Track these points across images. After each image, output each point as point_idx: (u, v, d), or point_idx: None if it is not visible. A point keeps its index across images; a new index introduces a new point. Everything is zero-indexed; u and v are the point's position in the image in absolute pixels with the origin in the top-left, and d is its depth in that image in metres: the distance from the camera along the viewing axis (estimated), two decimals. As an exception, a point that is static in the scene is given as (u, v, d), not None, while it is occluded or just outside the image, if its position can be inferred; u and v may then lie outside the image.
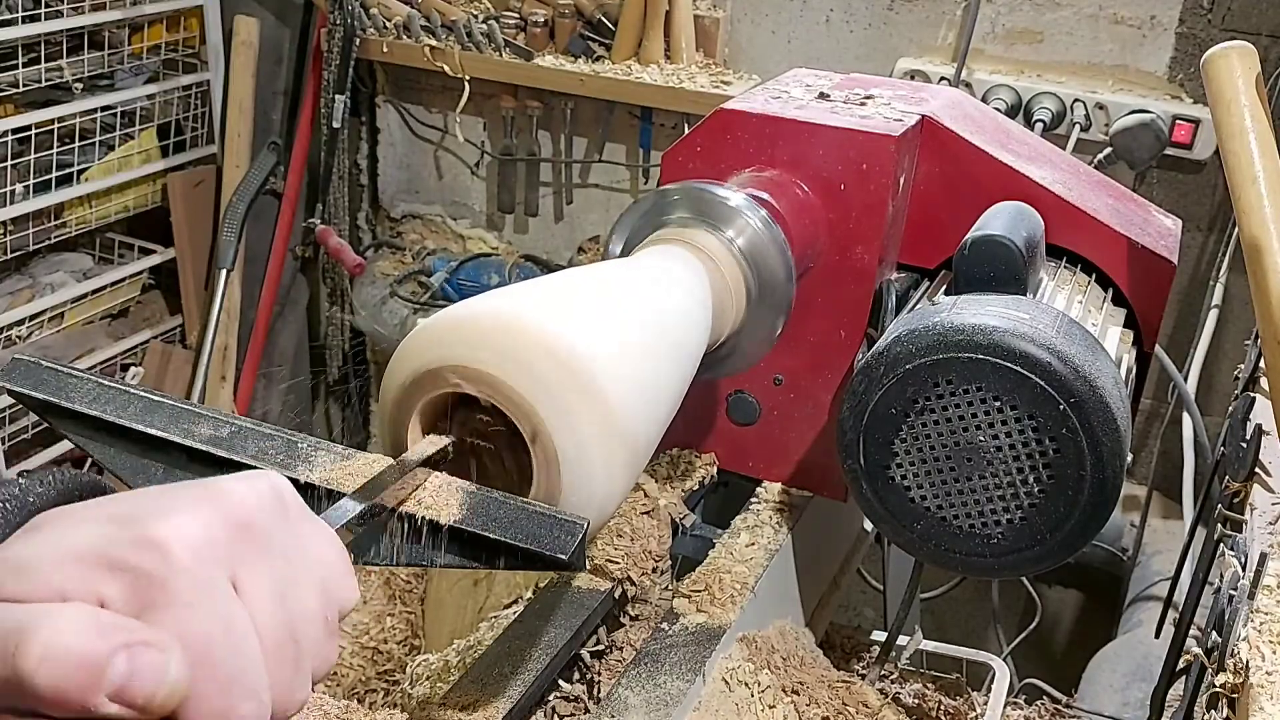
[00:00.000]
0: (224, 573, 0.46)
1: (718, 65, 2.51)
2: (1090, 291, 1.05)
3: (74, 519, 0.45)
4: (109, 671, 0.41)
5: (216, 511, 0.46)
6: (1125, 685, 1.77)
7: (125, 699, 0.41)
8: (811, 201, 1.03)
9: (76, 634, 0.40)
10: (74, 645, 0.40)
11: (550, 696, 0.92)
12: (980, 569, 0.90)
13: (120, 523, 0.44)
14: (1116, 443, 0.82)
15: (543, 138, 2.74)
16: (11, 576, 0.42)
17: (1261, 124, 0.98)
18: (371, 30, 2.68)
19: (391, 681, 2.00)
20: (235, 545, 0.46)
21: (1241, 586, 0.85)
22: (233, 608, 0.45)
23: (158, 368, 2.92)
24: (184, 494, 0.47)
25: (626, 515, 1.04)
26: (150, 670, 0.41)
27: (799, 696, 0.97)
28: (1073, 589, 2.53)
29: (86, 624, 0.41)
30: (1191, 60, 2.17)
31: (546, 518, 0.64)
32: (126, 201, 2.79)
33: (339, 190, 2.87)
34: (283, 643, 0.47)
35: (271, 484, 0.50)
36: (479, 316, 0.71)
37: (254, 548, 0.47)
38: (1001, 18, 2.29)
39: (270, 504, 0.49)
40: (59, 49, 2.54)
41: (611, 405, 0.70)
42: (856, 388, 0.89)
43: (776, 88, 1.15)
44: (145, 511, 0.45)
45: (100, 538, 0.44)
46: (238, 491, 0.48)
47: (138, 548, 0.43)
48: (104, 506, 0.46)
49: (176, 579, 0.43)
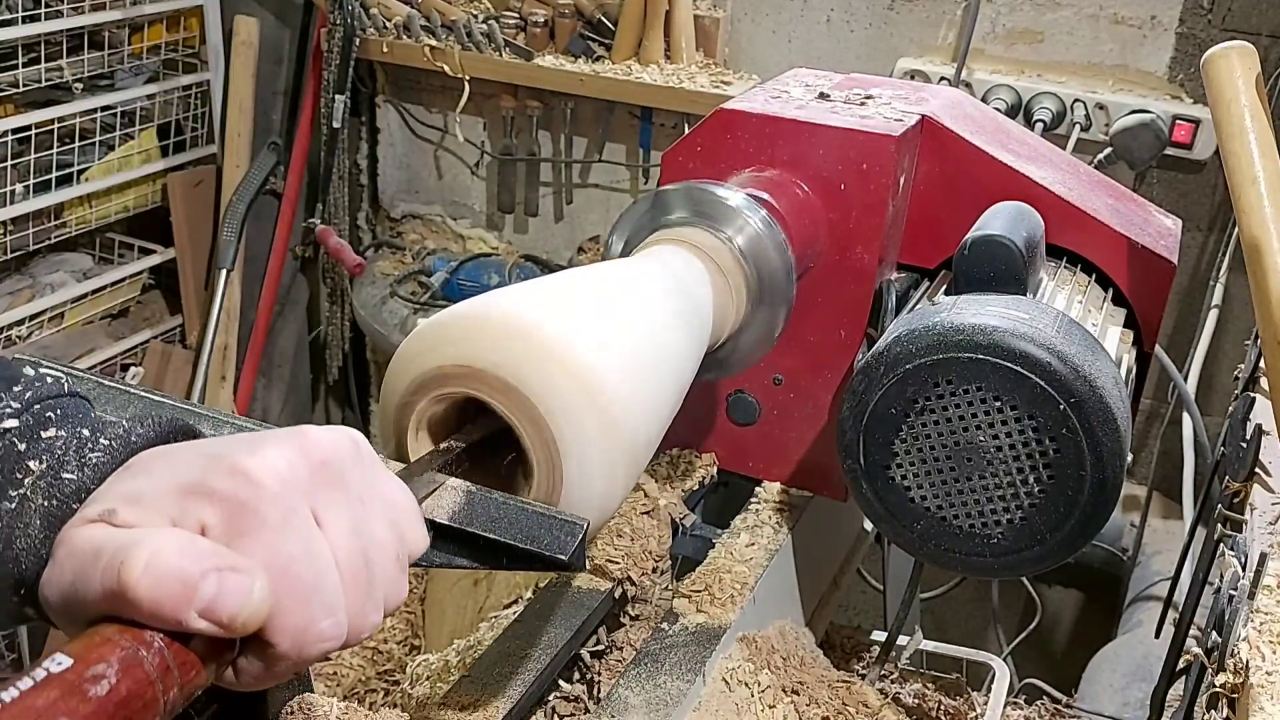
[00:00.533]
0: (305, 502, 0.51)
1: (718, 65, 2.51)
2: (1090, 291, 1.05)
3: (175, 456, 0.51)
4: (200, 590, 0.45)
5: (299, 449, 0.52)
6: (1125, 685, 1.77)
7: (212, 616, 0.46)
8: (811, 201, 1.03)
9: (174, 555, 0.45)
10: (171, 565, 0.45)
11: (550, 696, 0.92)
12: (980, 569, 0.90)
13: (215, 458, 0.50)
14: (1116, 443, 0.82)
15: (543, 138, 2.74)
16: (126, 506, 0.48)
17: (1261, 124, 0.98)
18: (371, 30, 2.68)
19: (391, 681, 1.99)
20: (316, 479, 0.52)
21: (1241, 586, 0.85)
22: (313, 532, 0.51)
23: (158, 368, 2.92)
24: (271, 435, 0.53)
25: (626, 515, 1.05)
26: (236, 592, 0.46)
27: (799, 696, 0.97)
28: (1073, 589, 2.53)
29: (184, 548, 0.46)
30: (1191, 60, 2.17)
31: (546, 518, 0.64)
32: (126, 201, 2.79)
33: (339, 190, 2.87)
34: (358, 569, 0.52)
35: (349, 435, 0.56)
36: (479, 317, 0.71)
37: (332, 484, 0.52)
38: (1001, 18, 2.29)
39: (348, 449, 0.54)
40: (59, 49, 2.54)
41: (612, 405, 0.70)
42: (856, 388, 0.89)
43: (776, 88, 1.15)
44: (237, 448, 0.50)
45: (200, 470, 0.49)
46: (319, 435, 0.53)
47: (231, 476, 0.49)
48: (200, 446, 0.52)
49: (264, 505, 0.49)
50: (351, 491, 0.53)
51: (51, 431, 0.54)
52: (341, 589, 0.51)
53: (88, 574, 0.46)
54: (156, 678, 0.45)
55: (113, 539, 0.46)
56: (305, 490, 0.51)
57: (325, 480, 0.52)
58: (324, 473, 0.52)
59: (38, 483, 0.52)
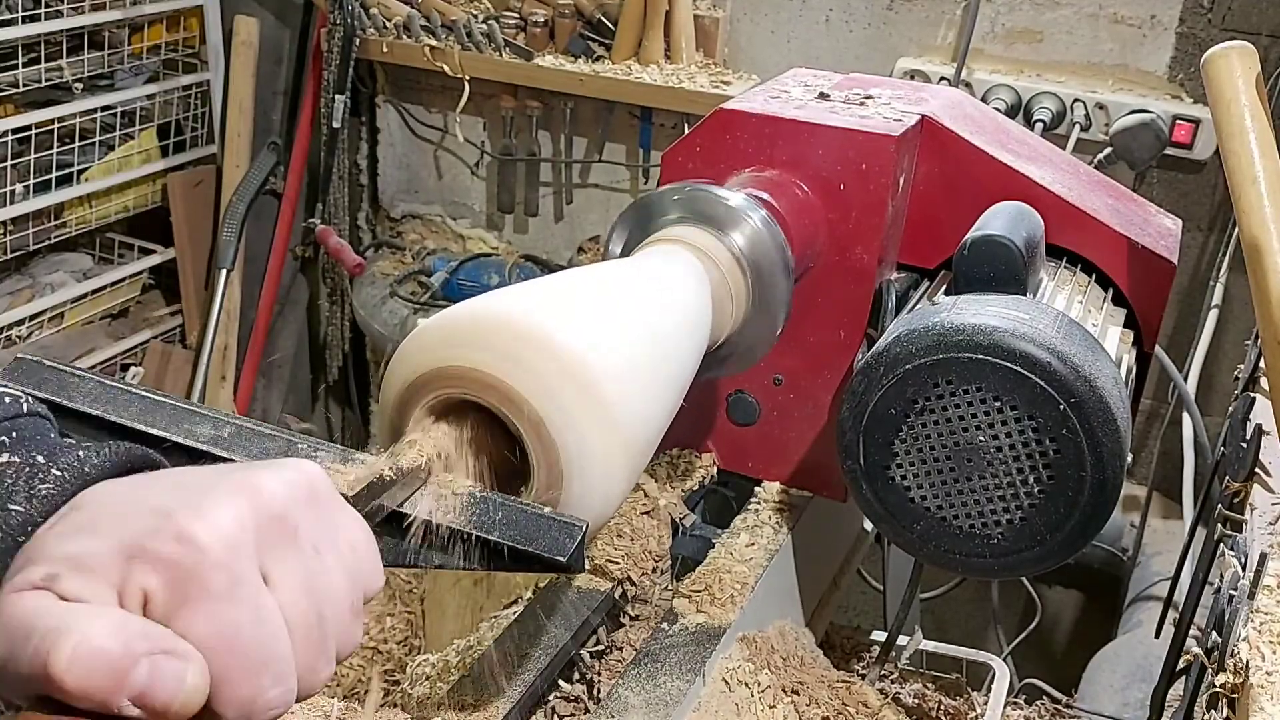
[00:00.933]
0: (254, 565, 0.48)
1: (717, 65, 2.51)
2: (1090, 291, 1.05)
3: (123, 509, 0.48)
4: (130, 678, 0.44)
5: (249, 505, 0.49)
6: (1125, 685, 1.77)
7: (144, 704, 0.44)
8: (811, 201, 1.03)
9: (105, 639, 0.43)
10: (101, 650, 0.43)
11: (550, 696, 0.92)
12: (980, 569, 0.89)
13: (163, 516, 0.47)
14: (1116, 443, 0.82)
15: (543, 138, 2.74)
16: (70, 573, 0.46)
17: (1261, 124, 0.98)
18: (371, 30, 2.67)
19: (391, 681, 1.99)
20: (266, 538, 0.49)
21: (1241, 586, 0.85)
22: (262, 598, 0.48)
23: (158, 368, 2.92)
24: (222, 487, 0.49)
25: (626, 515, 1.05)
26: (170, 678, 0.45)
27: (799, 696, 0.97)
28: (1073, 589, 2.53)
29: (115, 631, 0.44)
30: (1191, 60, 2.17)
31: (545, 519, 0.64)
32: (126, 201, 2.79)
33: (339, 190, 2.87)
34: (310, 628, 0.50)
35: (303, 473, 0.53)
36: (479, 317, 0.71)
37: (284, 539, 0.50)
38: (1001, 17, 2.28)
39: (302, 494, 0.52)
40: (59, 49, 2.54)
41: (611, 406, 0.70)
42: (856, 388, 0.89)
43: (776, 88, 1.15)
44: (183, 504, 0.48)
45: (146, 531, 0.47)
46: (272, 486, 0.50)
47: (177, 542, 0.46)
48: (151, 497, 0.49)
49: (209, 572, 0.46)
50: (305, 544, 0.51)
51: (4, 457, 0.53)
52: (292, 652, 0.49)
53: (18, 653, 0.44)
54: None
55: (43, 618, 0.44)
56: (254, 550, 0.48)
57: (276, 536, 0.50)
58: (276, 528, 0.50)
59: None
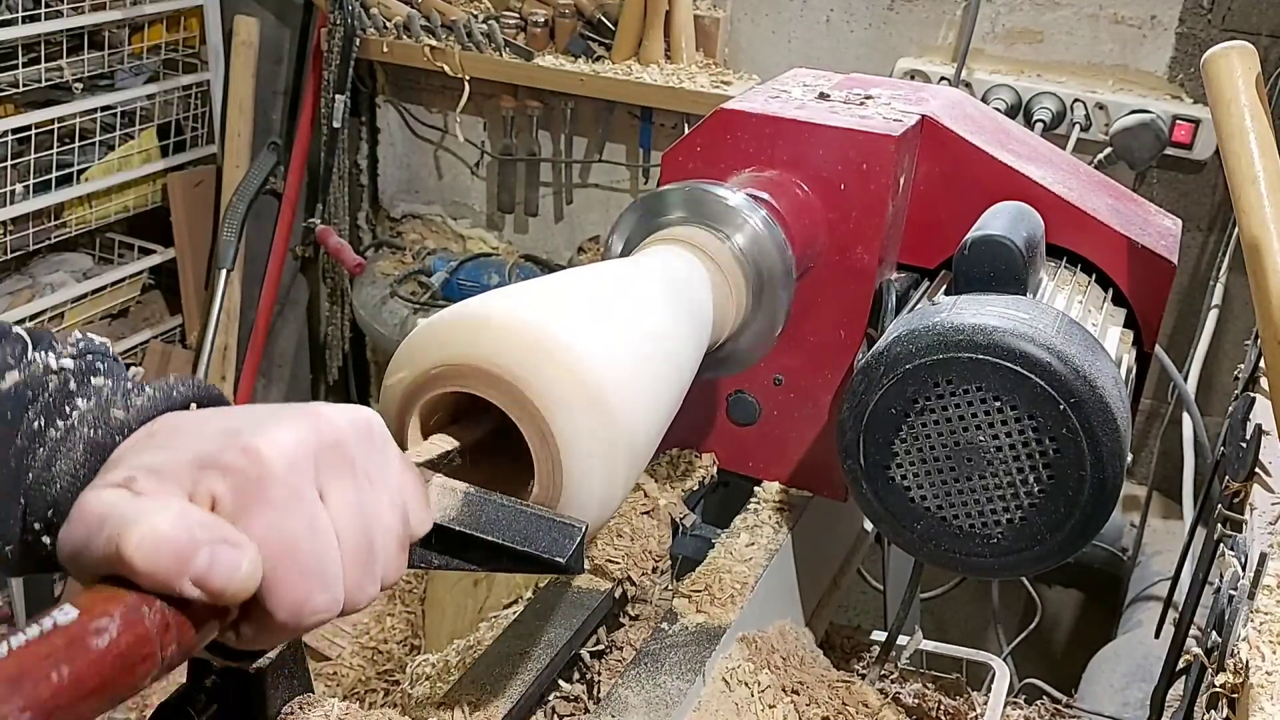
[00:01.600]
0: (312, 483, 0.54)
1: (718, 65, 2.51)
2: (1090, 291, 1.05)
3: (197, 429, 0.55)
4: (193, 561, 0.48)
5: (311, 430, 0.54)
6: (1125, 685, 1.77)
7: (204, 585, 0.49)
8: (811, 201, 1.03)
9: (170, 527, 0.48)
10: (166, 538, 0.48)
11: (550, 696, 0.92)
12: (980, 569, 0.89)
13: (232, 434, 0.53)
14: (1116, 443, 0.82)
15: (543, 138, 2.74)
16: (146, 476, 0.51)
17: (1261, 124, 0.98)
18: (371, 30, 2.67)
19: (391, 681, 2.00)
20: (325, 461, 0.54)
21: (1241, 586, 0.85)
22: (317, 512, 0.53)
23: (158, 368, 2.92)
24: (287, 412, 0.55)
25: (626, 515, 1.04)
26: (226, 564, 0.49)
27: (799, 696, 0.97)
28: (1073, 589, 2.53)
29: (179, 520, 0.49)
30: (1191, 60, 2.17)
31: (545, 520, 0.64)
32: (126, 201, 2.79)
33: (339, 190, 2.87)
34: (359, 549, 0.55)
35: (365, 416, 0.58)
36: (479, 317, 0.71)
37: (342, 465, 0.55)
38: (1001, 17, 2.28)
39: (361, 430, 0.57)
40: (59, 49, 2.55)
41: (612, 406, 0.70)
42: (856, 388, 0.89)
43: (776, 88, 1.15)
44: (251, 424, 0.53)
45: (216, 445, 0.52)
46: (333, 415, 0.56)
47: (243, 454, 0.52)
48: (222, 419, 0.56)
49: (270, 483, 0.52)
50: (359, 472, 0.56)
51: (99, 380, 0.60)
52: (341, 564, 0.54)
53: (94, 539, 0.49)
54: (156, 634, 0.48)
55: (116, 509, 0.49)
56: (313, 470, 0.53)
57: (334, 460, 0.55)
58: (335, 454, 0.55)
59: (85, 416, 0.57)
